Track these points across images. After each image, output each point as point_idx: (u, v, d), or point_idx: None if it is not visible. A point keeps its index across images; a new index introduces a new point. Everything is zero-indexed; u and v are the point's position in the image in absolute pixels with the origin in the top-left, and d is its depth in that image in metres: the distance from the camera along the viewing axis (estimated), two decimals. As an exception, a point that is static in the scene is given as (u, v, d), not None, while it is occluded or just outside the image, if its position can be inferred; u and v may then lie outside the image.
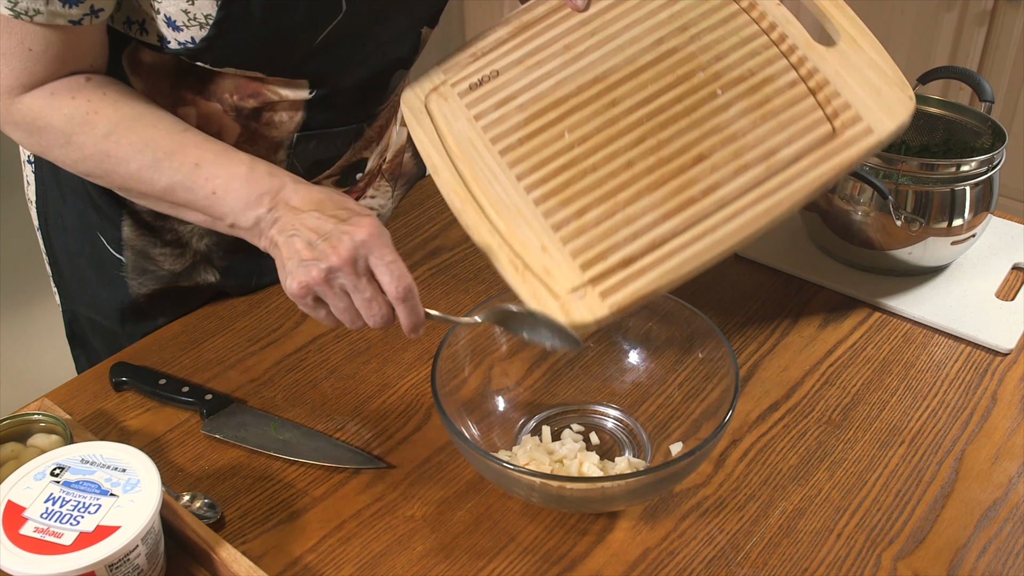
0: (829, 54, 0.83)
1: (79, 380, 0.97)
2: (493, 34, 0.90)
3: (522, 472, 0.76)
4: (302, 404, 0.94)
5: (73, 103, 0.81)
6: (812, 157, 0.79)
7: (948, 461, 0.87)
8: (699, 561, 0.78)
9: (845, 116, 0.80)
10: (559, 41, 0.87)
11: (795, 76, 0.82)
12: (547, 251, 0.78)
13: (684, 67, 0.84)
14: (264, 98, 0.92)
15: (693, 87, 0.83)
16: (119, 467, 0.74)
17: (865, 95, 0.81)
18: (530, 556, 0.79)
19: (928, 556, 0.79)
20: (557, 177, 0.81)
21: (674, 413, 0.89)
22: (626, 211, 0.79)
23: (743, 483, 0.85)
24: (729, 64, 0.84)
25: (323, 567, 0.78)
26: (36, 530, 0.69)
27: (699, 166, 0.80)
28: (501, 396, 0.91)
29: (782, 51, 0.84)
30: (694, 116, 0.82)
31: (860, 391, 0.94)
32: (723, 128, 0.81)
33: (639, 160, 0.81)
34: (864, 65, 0.82)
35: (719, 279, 1.09)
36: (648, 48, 0.85)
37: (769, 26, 0.85)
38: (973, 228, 1.04)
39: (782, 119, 0.81)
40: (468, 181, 0.83)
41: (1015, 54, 2.31)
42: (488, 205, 0.81)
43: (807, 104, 0.81)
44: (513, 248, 0.79)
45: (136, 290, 1.05)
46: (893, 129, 0.79)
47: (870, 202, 1.03)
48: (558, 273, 0.77)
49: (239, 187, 0.80)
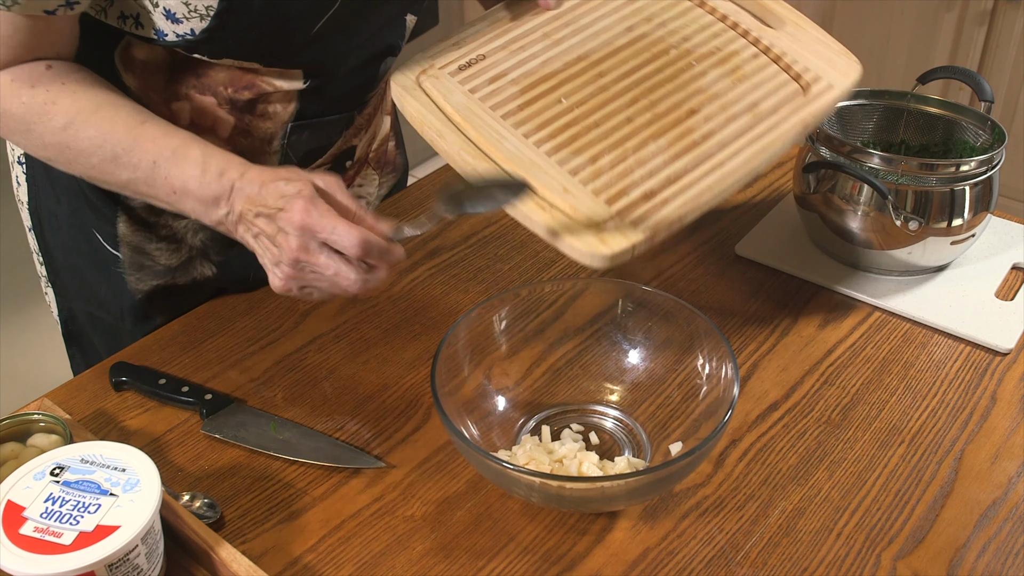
0: (779, 35, 0.95)
1: (79, 380, 0.97)
2: (472, 28, 0.94)
3: (522, 472, 0.76)
4: (302, 404, 0.94)
5: (31, 92, 0.81)
6: (790, 107, 0.90)
7: (948, 461, 0.87)
8: (699, 561, 0.78)
9: (808, 76, 0.92)
10: (537, 31, 0.94)
11: (756, 50, 0.94)
12: (570, 192, 0.81)
13: (657, 47, 0.93)
14: (258, 89, 0.92)
15: (670, 60, 0.92)
16: (119, 467, 0.74)
17: (819, 61, 0.93)
18: (530, 556, 0.79)
19: (928, 556, 0.79)
20: (564, 133, 0.85)
21: (674, 413, 0.89)
22: (637, 155, 0.84)
23: (743, 483, 0.85)
24: (696, 43, 0.94)
25: (323, 567, 0.78)
26: (36, 530, 0.69)
27: (693, 118, 0.88)
28: (501, 396, 0.91)
29: (739, 33, 0.95)
30: (677, 81, 0.90)
31: (860, 391, 0.94)
32: (706, 89, 0.90)
33: (637, 116, 0.87)
34: (812, 42, 0.95)
35: (719, 279, 1.09)
36: (621, 34, 0.94)
37: (722, 16, 0.97)
38: (973, 228, 1.04)
39: (755, 80, 0.92)
40: (476, 141, 0.84)
41: (1015, 54, 2.31)
42: (501, 160, 0.83)
43: (773, 69, 0.93)
44: (536, 194, 0.81)
45: (134, 285, 1.05)
46: (849, 85, 0.92)
47: (870, 202, 1.03)
48: (585, 209, 0.80)
49: (195, 189, 0.81)
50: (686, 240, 1.15)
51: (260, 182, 0.80)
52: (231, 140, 0.96)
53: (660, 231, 0.80)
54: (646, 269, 1.10)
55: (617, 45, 0.92)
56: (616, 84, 0.89)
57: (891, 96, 1.14)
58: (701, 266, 1.11)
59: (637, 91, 0.89)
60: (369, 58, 0.99)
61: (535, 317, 0.96)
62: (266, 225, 0.79)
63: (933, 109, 1.13)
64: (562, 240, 0.79)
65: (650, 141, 0.85)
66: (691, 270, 1.10)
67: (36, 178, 1.05)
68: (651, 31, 0.94)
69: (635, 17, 0.96)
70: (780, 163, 1.29)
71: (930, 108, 1.13)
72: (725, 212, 1.20)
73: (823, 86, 0.91)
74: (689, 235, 1.16)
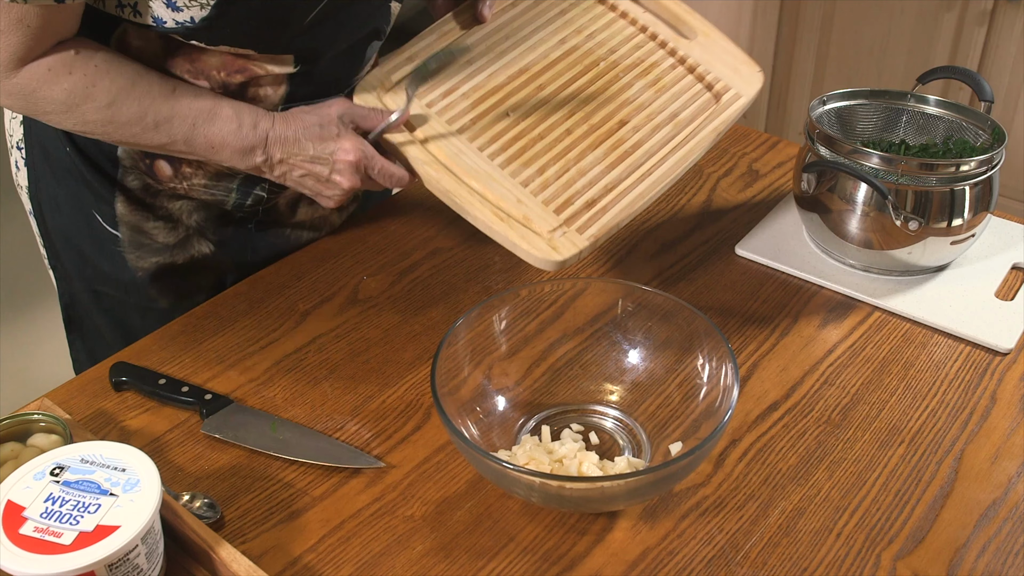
0: (692, 45, 1.06)
1: (79, 380, 0.97)
2: (421, 41, 1.03)
3: (522, 472, 0.76)
4: (302, 404, 0.94)
5: (71, 78, 0.87)
6: (705, 115, 1.01)
7: (948, 461, 0.87)
8: (698, 561, 0.78)
9: (719, 87, 1.03)
10: (481, 44, 1.03)
11: (673, 61, 1.06)
12: (522, 203, 0.91)
13: (588, 59, 1.04)
14: (250, 73, 0.96)
15: (600, 72, 1.03)
16: (119, 467, 0.74)
17: (728, 72, 1.05)
18: (530, 556, 0.79)
19: (927, 556, 0.79)
20: (513, 146, 0.96)
21: (674, 413, 0.89)
22: (578, 165, 0.95)
23: (742, 483, 0.85)
24: (622, 55, 1.05)
25: (323, 567, 0.78)
26: (36, 530, 0.69)
27: (623, 129, 0.99)
28: (501, 396, 0.91)
29: (658, 44, 1.07)
30: (607, 93, 1.02)
31: (860, 391, 0.94)
32: (633, 100, 1.01)
33: (576, 128, 0.98)
34: (720, 52, 1.06)
35: (719, 279, 1.09)
36: (555, 46, 1.05)
37: (642, 27, 1.08)
38: (972, 228, 1.04)
39: (674, 91, 1.03)
40: (436, 154, 0.94)
41: (1015, 54, 2.31)
42: (461, 173, 0.93)
43: (688, 80, 1.04)
44: (492, 202, 0.91)
45: (134, 263, 1.08)
46: (754, 93, 1.04)
47: (870, 202, 1.03)
48: (537, 219, 0.90)
49: (231, 142, 0.93)
50: (686, 240, 1.15)
51: (294, 127, 0.93)
52: None
53: (602, 236, 0.91)
54: (646, 269, 1.10)
55: (553, 58, 1.03)
56: (555, 97, 1.00)
57: (891, 96, 1.14)
58: (701, 266, 1.11)
59: (574, 103, 1.00)
60: (356, 42, 1.03)
61: (535, 317, 0.96)
62: (316, 168, 0.94)
63: (933, 109, 1.13)
64: (518, 247, 0.88)
65: (588, 152, 0.96)
66: (691, 270, 1.10)
67: (35, 162, 1.07)
68: (581, 43, 1.05)
69: (567, 29, 1.06)
70: (780, 163, 1.29)
71: (930, 108, 1.13)
72: (725, 212, 1.20)
73: (732, 95, 1.03)
74: (689, 235, 1.16)
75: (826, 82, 2.66)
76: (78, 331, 1.18)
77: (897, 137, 1.15)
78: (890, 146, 1.13)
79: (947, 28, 2.37)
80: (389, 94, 0.98)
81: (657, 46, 1.06)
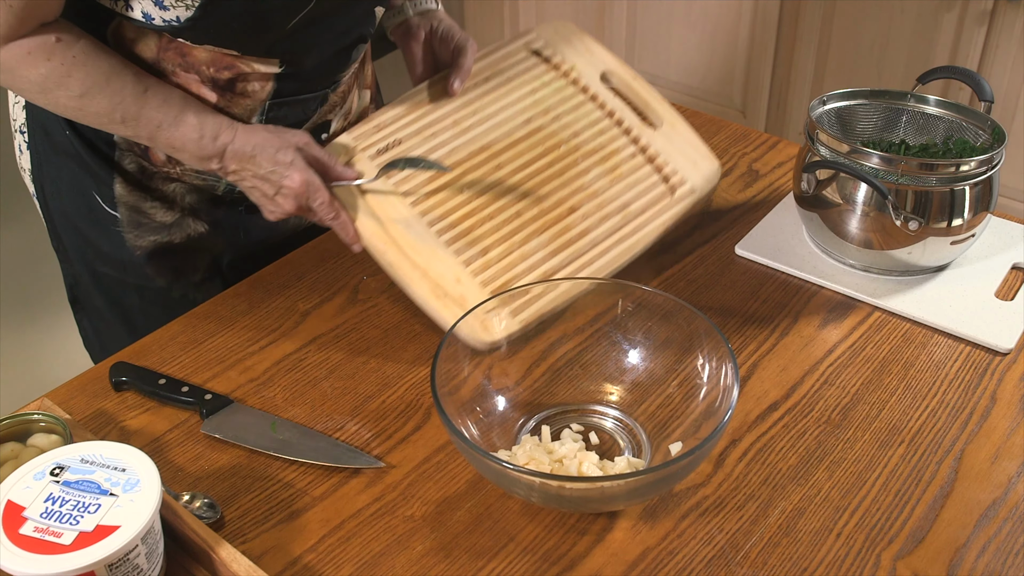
0: (656, 134, 1.10)
1: (79, 380, 0.97)
2: (391, 111, 1.06)
3: (522, 472, 0.76)
4: (302, 404, 0.94)
5: (48, 64, 0.90)
6: (655, 208, 1.03)
7: (948, 461, 0.87)
8: (698, 561, 0.78)
9: (675, 179, 1.07)
10: (448, 118, 1.06)
11: (634, 149, 1.08)
12: (461, 282, 0.95)
13: (550, 140, 1.07)
14: (237, 70, 0.99)
15: (559, 156, 1.05)
16: (119, 467, 0.74)
17: (687, 164, 1.08)
18: (530, 556, 0.79)
19: (927, 556, 0.79)
20: (462, 224, 0.98)
21: (674, 413, 0.89)
22: (521, 249, 0.97)
23: (742, 483, 0.85)
24: (584, 139, 1.07)
25: (323, 567, 0.78)
26: (36, 530, 0.69)
27: (572, 215, 1.02)
28: (501, 396, 0.91)
29: (622, 131, 1.09)
30: (563, 178, 1.04)
31: (860, 391, 0.94)
32: (587, 187, 1.04)
33: (526, 211, 1.00)
34: (682, 143, 1.10)
35: (719, 279, 1.09)
36: (520, 126, 1.07)
37: (609, 112, 1.10)
38: (972, 228, 1.04)
39: (629, 181, 1.05)
40: (387, 226, 0.97)
41: (1015, 54, 2.31)
42: (407, 247, 0.96)
43: (646, 170, 1.07)
44: (432, 280, 0.95)
45: (133, 243, 1.10)
46: (709, 190, 1.08)
47: (870, 202, 1.03)
48: (472, 299, 0.93)
49: (191, 148, 0.96)
50: (686, 240, 1.15)
51: (252, 145, 0.96)
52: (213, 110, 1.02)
53: (534, 321, 0.93)
54: (646, 269, 1.10)
55: (516, 138, 1.06)
56: (511, 177, 1.03)
57: (891, 96, 1.14)
58: (701, 266, 1.11)
59: (528, 186, 1.02)
60: (341, 47, 1.05)
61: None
62: (263, 185, 0.97)
63: (933, 109, 1.13)
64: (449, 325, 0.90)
65: (534, 236, 0.99)
66: (691, 270, 1.10)
67: (37, 145, 1.10)
68: (547, 124, 1.08)
69: (534, 109, 1.09)
70: (780, 163, 1.29)
71: (930, 108, 1.13)
72: (725, 212, 1.20)
73: (686, 190, 1.06)
74: (689, 235, 1.16)
75: (826, 82, 2.66)
76: (83, 311, 1.21)
77: (897, 137, 1.15)
78: (890, 146, 1.12)
79: (947, 28, 2.37)
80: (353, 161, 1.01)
81: (621, 133, 1.09)
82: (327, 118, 1.12)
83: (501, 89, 1.10)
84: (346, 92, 1.13)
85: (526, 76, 1.12)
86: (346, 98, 1.14)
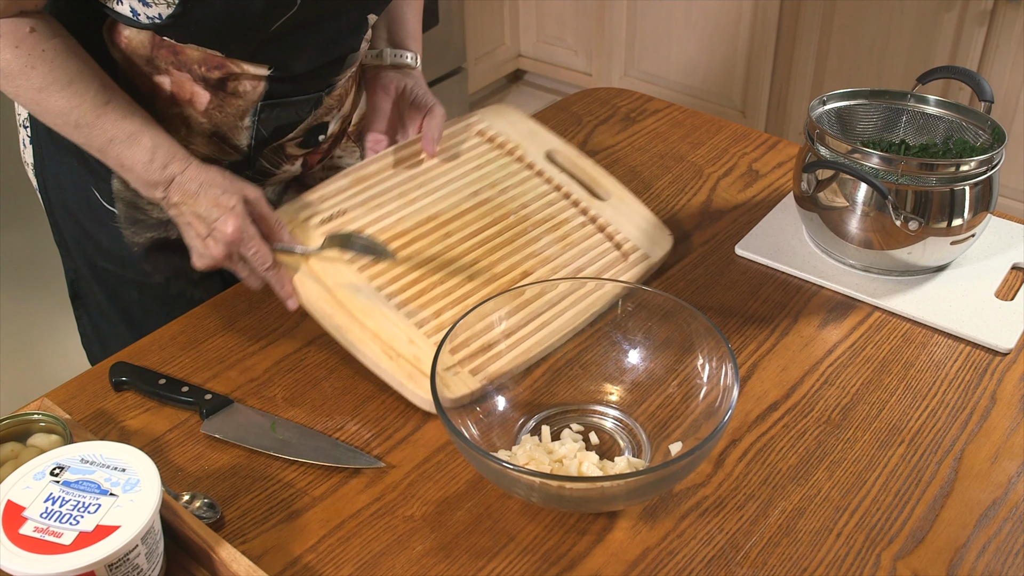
0: (605, 206, 1.10)
1: (79, 380, 0.97)
2: (334, 184, 1.05)
3: (522, 472, 0.76)
4: (302, 404, 0.94)
5: (15, 52, 0.90)
6: (610, 273, 1.02)
7: (947, 461, 0.87)
8: (699, 561, 0.78)
9: (627, 246, 1.06)
10: (393, 190, 1.05)
11: (584, 219, 1.08)
12: (415, 343, 0.92)
13: (498, 211, 1.06)
14: (228, 70, 0.99)
15: (508, 225, 1.05)
16: (119, 467, 0.74)
17: (638, 233, 1.08)
18: (530, 556, 0.79)
19: (927, 556, 0.79)
20: (411, 288, 0.97)
21: (674, 413, 0.89)
22: (476, 310, 0.92)
23: (742, 483, 0.85)
24: (533, 210, 1.07)
25: (323, 567, 0.78)
26: (36, 530, 0.69)
27: (525, 280, 1.00)
28: (501, 396, 0.91)
29: (571, 202, 1.09)
30: (514, 245, 1.03)
31: (860, 391, 0.94)
32: (538, 253, 1.03)
33: (478, 275, 0.99)
34: (632, 213, 1.10)
35: (719, 279, 1.09)
36: (467, 198, 1.07)
37: (556, 186, 1.10)
38: (972, 228, 1.04)
39: (581, 247, 1.05)
40: (333, 291, 0.95)
41: (1015, 54, 2.31)
42: (356, 310, 0.94)
43: (598, 238, 1.06)
44: (384, 342, 0.92)
45: (130, 239, 1.10)
46: (662, 255, 1.07)
47: (870, 202, 1.03)
48: (427, 359, 0.89)
49: (140, 171, 0.95)
50: (686, 240, 1.15)
51: (199, 181, 0.94)
52: (207, 114, 1.02)
53: (495, 380, 0.90)
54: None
55: (463, 209, 1.05)
56: (460, 245, 1.02)
57: (891, 96, 1.14)
58: (701, 266, 1.11)
59: (478, 252, 1.01)
60: (332, 57, 1.04)
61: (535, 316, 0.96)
62: (199, 224, 0.95)
63: (933, 109, 1.13)
64: (404, 387, 0.90)
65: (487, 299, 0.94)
66: (691, 270, 1.10)
67: (40, 139, 1.10)
68: (494, 196, 1.07)
69: (481, 183, 1.09)
70: (780, 163, 1.29)
71: (930, 108, 1.13)
72: (725, 212, 1.20)
73: (640, 255, 1.06)
74: (689, 235, 1.16)
75: (826, 82, 2.66)
76: (83, 306, 1.21)
77: (897, 137, 1.15)
78: (890, 146, 1.12)
79: (947, 28, 2.37)
80: (296, 229, 0.99)
81: (570, 204, 1.09)
82: (323, 119, 1.11)
83: (447, 164, 1.10)
84: (343, 95, 1.12)
85: (471, 153, 1.13)
86: (343, 101, 1.13)
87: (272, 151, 1.09)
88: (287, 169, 1.13)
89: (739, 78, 2.87)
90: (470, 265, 1.00)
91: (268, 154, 1.09)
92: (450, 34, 2.98)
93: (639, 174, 1.27)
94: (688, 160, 1.30)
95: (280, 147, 1.10)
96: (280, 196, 1.18)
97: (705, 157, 1.31)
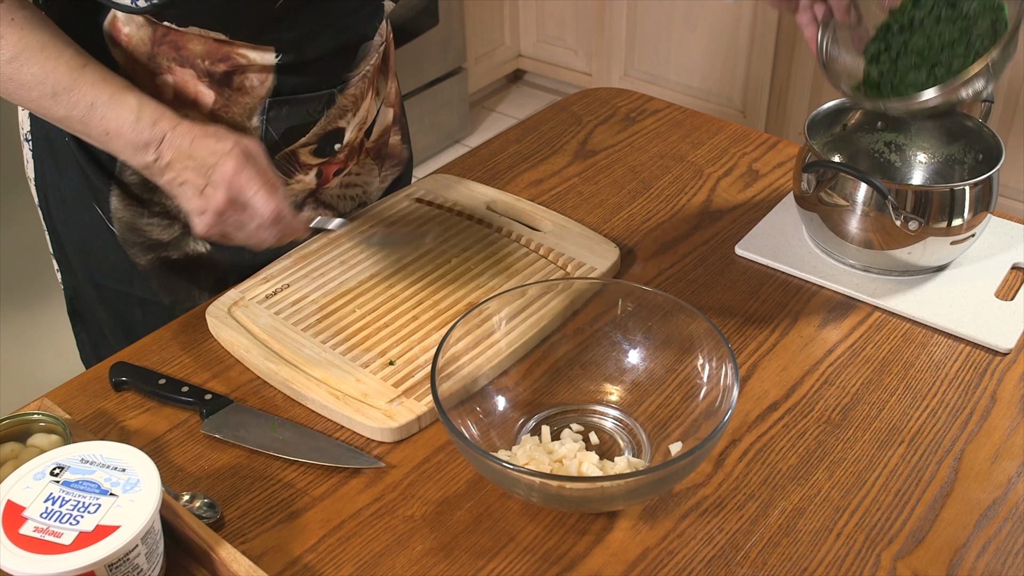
0: (547, 236, 1.12)
1: (79, 380, 0.97)
2: (278, 264, 1.07)
3: (522, 472, 0.76)
4: (302, 404, 0.94)
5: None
6: (558, 287, 1.00)
7: (947, 461, 0.87)
8: (698, 561, 0.78)
9: (572, 264, 1.07)
10: (336, 260, 1.08)
11: (527, 250, 1.09)
12: (361, 381, 0.92)
13: (441, 258, 1.08)
14: (234, 62, 0.96)
15: (451, 268, 1.07)
16: (119, 467, 0.74)
17: (582, 251, 1.09)
18: (530, 556, 0.79)
19: (927, 556, 0.79)
20: (357, 335, 0.98)
21: (673, 413, 0.89)
22: (422, 344, 0.96)
23: (742, 483, 0.85)
24: (474, 251, 1.09)
25: (323, 567, 0.78)
26: (36, 530, 0.69)
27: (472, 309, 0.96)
28: (501, 396, 0.91)
29: (512, 239, 1.11)
30: (458, 282, 1.05)
31: (859, 391, 0.94)
32: (483, 285, 1.04)
33: (422, 314, 1.00)
34: (574, 236, 1.11)
35: (719, 279, 1.09)
36: (407, 253, 1.08)
37: (497, 228, 1.13)
38: (972, 228, 1.04)
39: (525, 274, 1.06)
40: (278, 351, 0.96)
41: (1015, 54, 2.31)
42: (300, 363, 0.94)
43: (542, 263, 1.08)
44: (330, 386, 0.92)
45: (134, 258, 1.08)
46: (609, 265, 1.07)
47: (870, 202, 1.03)
48: (375, 393, 0.91)
49: (127, 133, 0.88)
50: (686, 240, 1.15)
51: (192, 136, 0.89)
52: (212, 116, 0.99)
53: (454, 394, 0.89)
54: (646, 269, 1.10)
55: (404, 262, 1.07)
56: (404, 292, 1.03)
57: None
58: (701, 266, 1.11)
59: (422, 294, 1.03)
60: (343, 42, 1.02)
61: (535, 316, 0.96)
62: (195, 176, 0.88)
63: (933, 109, 1.13)
64: (354, 421, 0.89)
65: (433, 332, 0.98)
66: (691, 270, 1.11)
67: (41, 154, 1.08)
68: (435, 247, 1.09)
69: (422, 237, 1.11)
70: (780, 163, 1.29)
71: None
72: (725, 212, 1.20)
73: (586, 269, 1.06)
74: (689, 235, 1.16)
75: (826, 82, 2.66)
76: (82, 324, 1.20)
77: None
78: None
79: (947, 28, 2.37)
80: (239, 310, 1.00)
81: (511, 241, 1.11)
82: (338, 124, 1.08)
83: (387, 229, 1.12)
84: (358, 97, 1.09)
85: (410, 216, 1.15)
86: (359, 104, 1.10)
87: (285, 158, 1.07)
88: (301, 179, 1.10)
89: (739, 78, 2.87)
90: (415, 307, 1.01)
91: (281, 161, 1.06)
92: (450, 34, 2.98)
93: (639, 174, 1.27)
94: (688, 160, 1.30)
95: (293, 154, 1.07)
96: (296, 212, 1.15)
97: (705, 157, 1.31)
